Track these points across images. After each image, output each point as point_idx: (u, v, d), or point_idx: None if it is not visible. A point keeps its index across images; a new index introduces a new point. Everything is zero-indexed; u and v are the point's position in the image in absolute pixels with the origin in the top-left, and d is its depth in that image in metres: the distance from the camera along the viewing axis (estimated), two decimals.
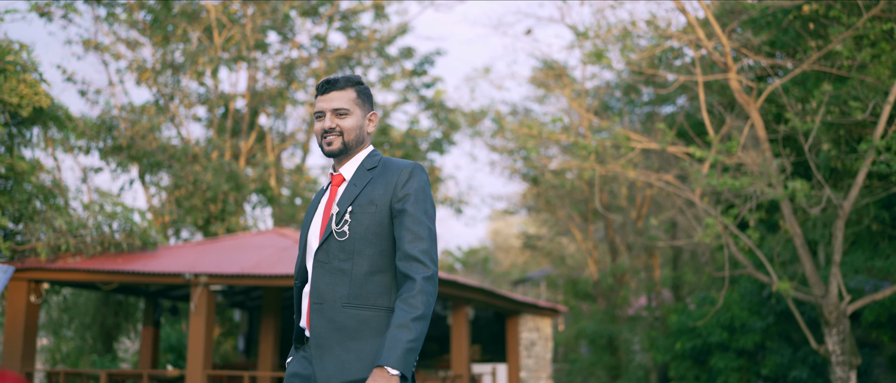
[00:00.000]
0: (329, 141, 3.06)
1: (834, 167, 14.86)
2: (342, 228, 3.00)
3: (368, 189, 3.03)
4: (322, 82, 3.11)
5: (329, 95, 3.08)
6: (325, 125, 3.07)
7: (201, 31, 17.75)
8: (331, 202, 3.12)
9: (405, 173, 3.03)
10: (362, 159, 3.13)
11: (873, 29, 12.47)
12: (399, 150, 18.05)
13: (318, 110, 3.11)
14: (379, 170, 3.10)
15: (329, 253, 3.00)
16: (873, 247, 16.77)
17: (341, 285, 2.96)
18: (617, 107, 22.85)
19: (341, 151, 3.09)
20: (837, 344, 12.58)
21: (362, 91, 3.14)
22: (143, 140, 16.01)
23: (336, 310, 2.95)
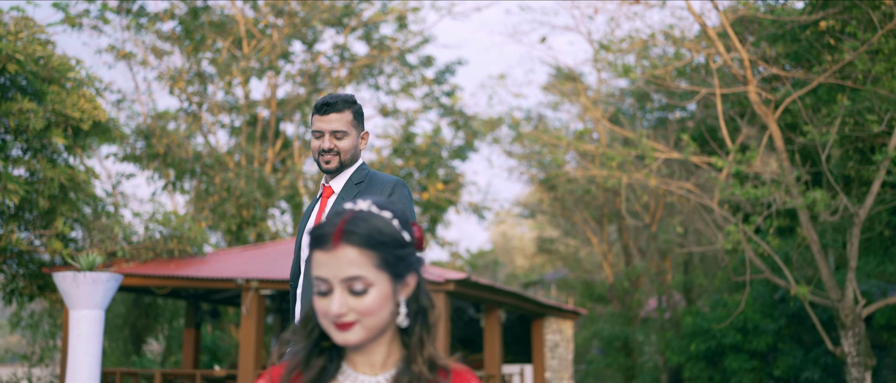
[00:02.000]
0: (327, 160, 3.32)
1: (847, 175, 15.39)
2: None
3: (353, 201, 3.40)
4: (321, 104, 3.31)
5: (328, 117, 3.31)
6: (325, 146, 3.32)
7: (231, 42, 18.27)
8: (321, 213, 3.40)
9: (389, 188, 3.29)
10: (351, 174, 3.39)
11: (887, 43, 13.01)
12: (424, 158, 18.58)
13: (317, 130, 3.34)
14: (365, 184, 3.36)
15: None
16: (884, 253, 17.31)
17: None
18: (628, 113, 23.37)
19: (338, 170, 3.36)
20: (853, 345, 13.12)
21: (357, 112, 3.38)
22: (178, 148, 16.55)
23: None
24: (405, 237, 1.58)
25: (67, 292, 6.03)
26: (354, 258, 1.53)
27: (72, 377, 6.01)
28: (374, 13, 19.82)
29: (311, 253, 1.58)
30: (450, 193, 18.98)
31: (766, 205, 13.77)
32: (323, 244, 1.54)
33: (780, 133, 13.76)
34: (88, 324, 6.05)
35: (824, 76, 13.40)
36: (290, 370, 1.60)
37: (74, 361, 6.03)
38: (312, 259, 1.57)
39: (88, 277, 5.98)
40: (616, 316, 22.21)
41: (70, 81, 10.98)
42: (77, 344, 6.04)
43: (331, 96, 3.35)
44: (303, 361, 1.61)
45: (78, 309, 6.05)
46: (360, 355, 1.62)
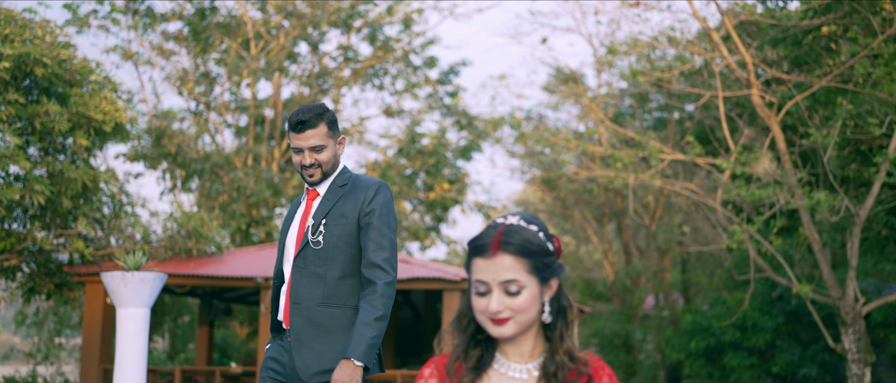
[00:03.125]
0: (311, 173, 3.46)
1: (845, 176, 15.73)
2: (317, 238, 3.40)
3: (340, 204, 3.44)
4: (295, 122, 3.41)
5: (304, 135, 3.41)
6: (306, 161, 3.46)
7: (238, 43, 18.50)
8: (306, 214, 3.50)
9: (372, 191, 3.43)
10: (334, 177, 3.52)
11: (887, 48, 13.34)
12: (431, 158, 18.86)
13: (296, 146, 3.45)
14: (349, 187, 3.49)
15: (306, 259, 3.40)
16: (880, 251, 17.67)
17: (317, 287, 3.37)
18: (627, 114, 23.69)
19: (321, 180, 3.50)
20: (853, 342, 13.46)
21: (331, 121, 3.48)
22: (189, 148, 16.79)
23: (312, 309, 3.36)
24: (549, 247, 1.86)
25: (116, 291, 6.28)
26: (510, 264, 1.81)
27: (120, 373, 6.26)
28: (379, 14, 20.08)
29: (472, 260, 1.86)
30: (455, 193, 19.26)
31: (769, 206, 14.09)
32: (483, 252, 1.83)
33: (782, 135, 14.09)
34: (136, 322, 6.30)
35: (826, 80, 13.72)
36: (454, 359, 1.89)
37: (122, 357, 6.28)
38: (472, 265, 1.85)
39: (136, 277, 6.24)
40: (617, 315, 22.54)
41: (91, 84, 11.20)
42: (125, 342, 6.29)
43: (302, 112, 3.43)
44: (463, 352, 1.89)
45: (126, 307, 6.30)
46: (511, 346, 1.91)
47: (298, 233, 3.48)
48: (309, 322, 3.35)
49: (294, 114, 3.43)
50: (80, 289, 12.42)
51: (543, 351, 1.90)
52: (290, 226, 3.56)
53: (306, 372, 3.32)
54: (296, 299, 3.38)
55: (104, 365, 11.72)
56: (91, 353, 11.65)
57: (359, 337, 3.24)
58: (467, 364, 1.87)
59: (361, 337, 3.23)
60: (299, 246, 3.43)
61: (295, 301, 3.38)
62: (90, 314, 11.72)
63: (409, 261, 12.63)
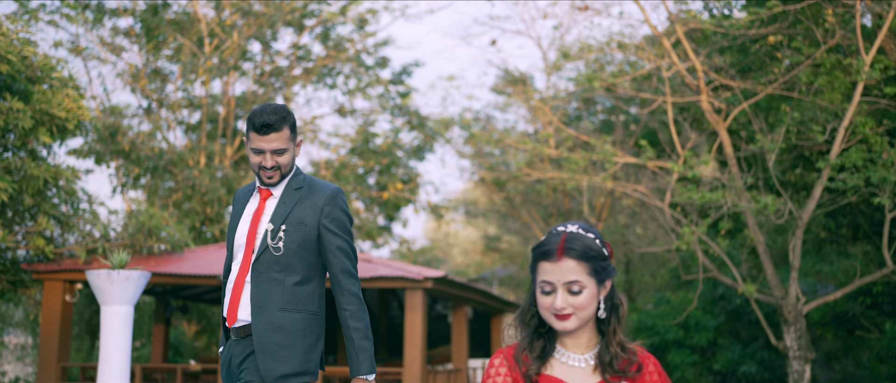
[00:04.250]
0: (270, 176, 3.43)
1: (787, 181, 16.35)
2: (277, 244, 3.40)
3: (298, 210, 3.44)
4: (260, 125, 3.36)
5: (268, 137, 3.38)
6: (267, 164, 3.42)
7: (192, 41, 18.44)
8: (259, 215, 3.49)
9: (330, 198, 3.45)
10: (289, 179, 3.51)
11: (829, 58, 13.95)
12: (384, 158, 19.04)
13: (257, 148, 3.41)
14: (305, 190, 3.48)
15: (266, 265, 3.40)
16: (817, 253, 18.39)
17: (276, 292, 3.38)
18: (574, 116, 24.18)
19: (279, 182, 3.49)
20: (795, 340, 14.04)
21: (292, 124, 3.46)
22: (143, 145, 16.70)
23: (274, 314, 3.37)
24: (605, 252, 2.12)
25: (101, 289, 6.37)
26: (573, 267, 2.07)
27: (104, 369, 6.36)
28: (331, 13, 20.17)
29: (537, 263, 2.11)
30: (408, 192, 19.47)
31: (717, 208, 14.61)
32: (549, 257, 2.08)
33: (729, 140, 14.61)
34: (120, 319, 6.40)
35: (771, 87, 14.27)
36: (520, 349, 2.13)
37: (107, 354, 6.37)
38: (538, 267, 2.10)
39: (122, 275, 6.33)
40: None
41: (53, 81, 11.16)
42: (110, 339, 6.38)
43: (267, 114, 3.39)
44: (528, 344, 2.14)
45: (110, 305, 6.39)
46: (570, 338, 2.17)
47: (251, 233, 3.46)
48: (270, 326, 3.37)
49: (258, 116, 3.39)
50: (36, 287, 12.34)
51: (597, 342, 2.17)
52: (239, 223, 3.54)
53: (270, 375, 3.34)
54: (258, 304, 3.39)
55: (62, 363, 11.67)
56: (49, 351, 11.59)
57: (363, 353, 3.38)
58: (532, 354, 2.13)
59: (364, 351, 3.38)
60: (257, 250, 3.42)
61: (257, 305, 3.39)
62: (49, 312, 11.66)
63: (372, 260, 12.82)
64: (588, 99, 22.63)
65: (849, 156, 13.24)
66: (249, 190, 3.63)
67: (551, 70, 22.80)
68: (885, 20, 13.24)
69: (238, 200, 3.64)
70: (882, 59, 13.63)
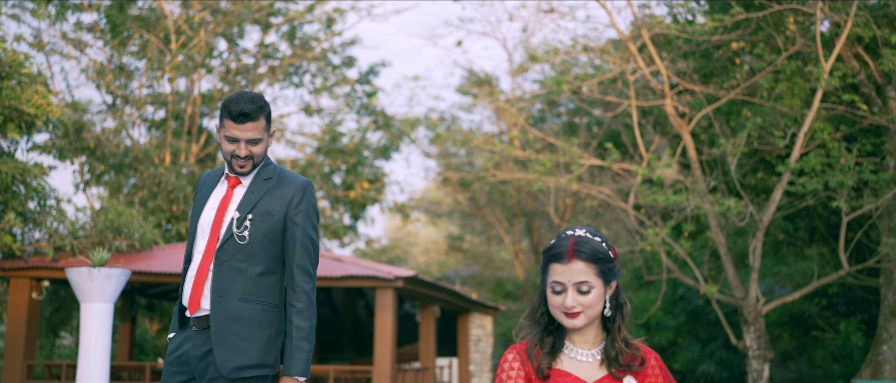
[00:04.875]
0: (242, 165, 3.37)
1: (747, 184, 16.71)
2: (242, 233, 3.34)
3: (266, 199, 3.38)
4: (238, 113, 3.29)
5: (244, 126, 3.31)
6: (241, 153, 3.35)
7: (159, 38, 18.33)
8: (226, 202, 3.42)
9: (299, 191, 3.39)
10: (259, 169, 3.45)
11: (789, 65, 14.31)
12: (352, 158, 19.09)
13: (232, 136, 3.34)
14: (274, 181, 3.43)
15: (229, 253, 3.34)
16: (775, 254, 18.81)
17: (238, 282, 3.32)
18: (538, 117, 24.42)
19: (250, 172, 3.43)
20: (754, 340, 14.37)
21: (268, 115, 3.39)
22: (109, 142, 16.58)
23: (233, 303, 3.30)
24: (611, 255, 2.26)
25: (81, 286, 6.39)
26: (582, 269, 2.21)
27: (84, 366, 6.38)
28: (297, 11, 20.16)
29: (549, 265, 2.25)
30: (374, 192, 19.55)
31: (680, 210, 14.90)
32: (560, 259, 2.23)
33: (693, 143, 14.91)
34: (100, 317, 6.43)
35: (733, 92, 14.59)
36: (532, 345, 2.27)
37: (86, 351, 6.40)
38: (549, 269, 2.25)
39: (102, 273, 6.36)
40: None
41: (22, 77, 11.08)
42: (89, 336, 6.41)
43: (244, 102, 3.33)
44: (539, 340, 2.28)
45: (90, 302, 6.42)
46: (578, 335, 2.31)
47: (216, 220, 3.40)
48: (229, 316, 3.31)
49: (235, 104, 3.32)
50: (2, 284, 12.25)
51: (603, 339, 2.33)
52: (204, 209, 3.47)
53: (226, 366, 3.28)
54: (218, 292, 3.32)
55: (28, 361, 11.59)
56: (15, 349, 11.50)
57: (298, 354, 3.28)
58: (543, 349, 2.27)
59: (300, 352, 3.28)
60: (222, 238, 3.36)
61: (217, 294, 3.32)
62: (14, 309, 11.58)
63: (342, 259, 12.88)
64: (552, 101, 22.88)
65: (808, 160, 13.60)
66: (215, 175, 3.57)
67: (517, 72, 23.02)
68: (842, 29, 13.61)
69: (203, 185, 3.57)
70: (840, 66, 14.01)
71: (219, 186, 3.49)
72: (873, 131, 15.08)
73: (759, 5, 14.08)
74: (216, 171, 3.58)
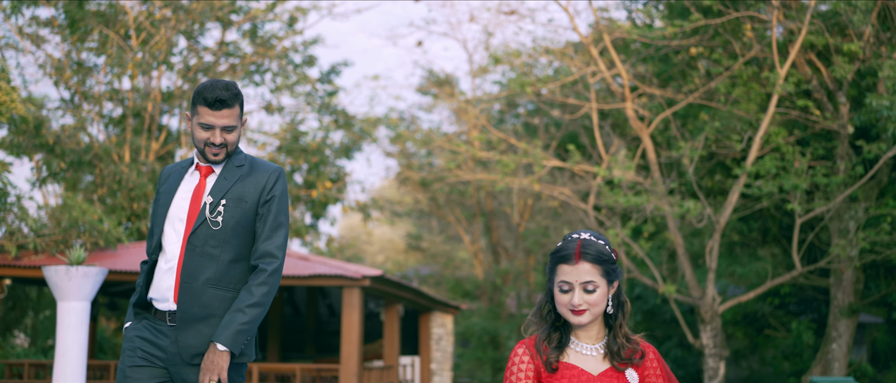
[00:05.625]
0: (216, 153, 3.33)
1: (703, 186, 17.10)
2: (216, 218, 3.30)
3: (239, 185, 3.35)
4: (214, 99, 3.26)
5: (220, 113, 3.28)
6: (216, 140, 3.31)
7: (119, 34, 18.19)
8: (201, 191, 3.37)
9: (273, 177, 3.38)
10: (231, 157, 3.42)
11: (746, 71, 14.70)
12: (314, 157, 19.12)
13: (207, 123, 3.29)
14: (247, 168, 3.40)
15: (202, 239, 3.29)
16: (729, 255, 19.27)
17: (209, 268, 3.27)
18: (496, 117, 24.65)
19: (224, 160, 3.40)
20: (711, 338, 14.73)
21: (241, 102, 3.38)
22: (68, 139, 16.42)
23: (201, 290, 3.26)
24: (613, 257, 2.43)
25: (58, 285, 6.41)
26: (589, 269, 2.38)
27: (61, 364, 6.41)
28: (260, 9, 20.13)
29: (556, 266, 2.41)
30: (336, 191, 19.61)
31: (638, 211, 15.21)
32: (568, 260, 2.40)
33: (652, 146, 15.23)
34: (77, 315, 6.45)
35: (692, 97, 14.95)
36: (540, 341, 2.44)
37: (64, 350, 6.42)
38: (557, 269, 2.41)
39: (80, 271, 6.39)
40: (485, 313, 23.46)
41: None
42: (66, 335, 6.44)
43: (219, 89, 3.30)
44: (546, 335, 2.44)
45: (67, 301, 6.44)
46: (583, 331, 2.48)
47: (192, 209, 3.35)
48: (197, 302, 3.26)
49: (210, 91, 3.29)
50: None
51: (605, 334, 2.50)
52: (174, 200, 3.40)
53: (188, 353, 3.24)
54: (187, 279, 3.27)
55: None
56: None
57: (228, 323, 3.20)
58: (550, 344, 2.44)
59: (231, 322, 3.19)
60: (195, 223, 3.31)
61: (186, 280, 3.27)
62: None
63: (309, 258, 12.95)
64: (511, 102, 23.12)
65: (763, 164, 13.98)
66: (181, 168, 3.50)
67: (477, 73, 23.22)
68: (797, 36, 14.02)
69: (168, 177, 3.49)
70: (794, 73, 14.43)
71: (188, 177, 3.44)
72: (825, 136, 15.55)
73: (718, 12, 14.44)
74: (181, 164, 3.53)
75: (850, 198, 14.54)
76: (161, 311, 3.32)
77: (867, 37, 14.13)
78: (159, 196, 3.45)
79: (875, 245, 14.13)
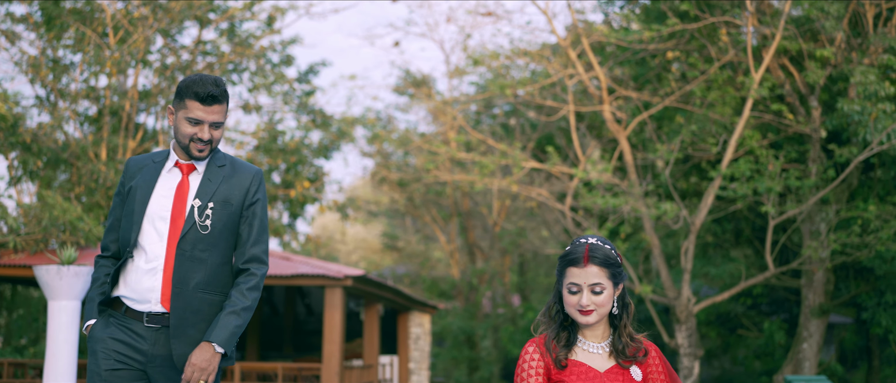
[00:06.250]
0: (201, 149, 3.26)
1: (679, 188, 17.36)
2: (205, 222, 3.25)
3: (224, 187, 3.32)
4: (206, 95, 3.21)
5: (212, 108, 3.23)
6: (205, 136, 3.25)
7: (97, 32, 18.12)
8: (184, 190, 3.31)
9: (256, 180, 3.36)
10: (212, 156, 3.37)
11: (721, 75, 14.95)
12: (293, 156, 19.16)
13: (196, 118, 3.23)
14: (229, 169, 3.36)
15: (191, 243, 3.25)
16: (703, 256, 19.56)
17: (198, 272, 3.24)
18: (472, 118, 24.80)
19: (207, 157, 3.34)
20: (686, 338, 14.98)
21: (228, 100, 3.34)
22: (46, 137, 16.33)
23: (193, 295, 3.23)
24: (619, 260, 2.58)
25: (50, 284, 6.45)
26: (597, 272, 2.52)
27: (52, 363, 6.45)
28: (238, 7, 20.12)
29: (566, 268, 2.55)
30: (314, 191, 19.65)
31: (614, 212, 15.42)
32: (577, 263, 2.54)
33: (629, 148, 15.45)
34: (68, 314, 6.50)
35: (668, 100, 15.17)
36: (549, 340, 2.57)
37: (54, 349, 6.46)
38: (566, 272, 2.55)
39: (71, 271, 6.44)
40: (461, 312, 23.61)
41: None
42: (57, 334, 6.48)
43: (211, 84, 3.26)
44: (555, 335, 2.58)
45: (58, 300, 6.48)
46: (589, 330, 2.63)
47: (177, 208, 3.29)
48: (189, 308, 3.24)
49: (201, 86, 3.24)
50: None
51: (610, 334, 2.65)
52: (152, 195, 3.31)
53: (183, 360, 3.20)
54: (179, 284, 3.23)
55: None
56: None
57: (225, 324, 3.20)
58: (559, 343, 2.58)
59: (227, 324, 3.20)
60: (184, 227, 3.26)
61: (178, 285, 3.23)
62: None
63: (291, 258, 13.01)
64: (487, 103, 23.28)
65: (738, 166, 14.24)
66: (151, 161, 3.41)
67: (454, 74, 23.36)
68: (771, 42, 14.29)
69: (140, 170, 3.39)
70: (769, 77, 14.70)
71: (167, 173, 3.35)
72: (797, 139, 15.85)
73: (694, 17, 14.68)
74: (151, 157, 3.44)
75: (821, 200, 14.84)
76: (136, 311, 3.24)
77: (839, 43, 14.44)
78: (132, 190, 3.33)
79: (845, 246, 14.43)
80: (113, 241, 3.36)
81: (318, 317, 18.59)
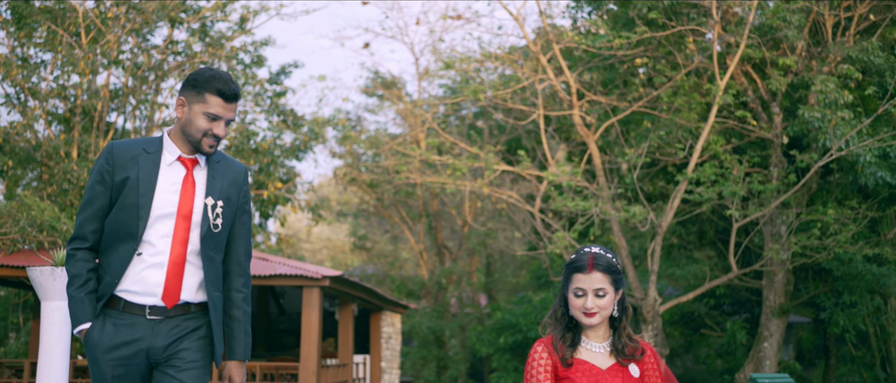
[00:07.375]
0: (212, 144, 3.23)
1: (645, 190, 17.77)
2: (216, 221, 3.26)
3: (225, 184, 3.32)
4: (231, 92, 3.20)
5: (232, 105, 3.22)
6: (221, 133, 3.22)
7: (69, 32, 18.10)
8: (192, 186, 3.25)
9: (245, 177, 3.38)
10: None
11: (688, 81, 15.37)
12: (266, 157, 19.27)
13: (215, 114, 3.20)
14: (223, 164, 3.34)
15: (204, 241, 3.25)
16: (668, 257, 20.00)
17: (211, 271, 3.28)
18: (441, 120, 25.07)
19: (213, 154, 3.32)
20: (652, 338, 15.36)
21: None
22: (18, 136, 16.32)
23: (211, 294, 3.27)
24: (620, 267, 2.86)
25: (43, 285, 6.59)
26: (600, 278, 2.80)
27: (44, 363, 6.60)
28: (209, 7, 20.18)
29: (572, 274, 2.82)
30: (286, 192, 19.79)
31: (582, 214, 15.77)
32: (582, 270, 2.81)
33: (598, 152, 15.82)
34: (61, 314, 6.64)
35: (636, 105, 15.56)
36: (556, 340, 2.85)
37: (47, 348, 6.61)
38: (572, 277, 2.82)
39: (65, 271, 6.59)
40: (430, 312, 23.87)
41: None
42: (50, 333, 6.62)
43: (233, 82, 3.24)
44: (561, 336, 2.85)
45: (51, 300, 6.63)
46: (592, 332, 2.91)
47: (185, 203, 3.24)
48: (215, 308, 3.28)
49: (225, 83, 3.21)
50: None
51: (610, 335, 2.93)
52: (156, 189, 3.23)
53: (220, 360, 3.28)
54: (212, 284, 3.27)
55: None
56: None
57: (247, 337, 3.34)
58: (565, 343, 2.86)
59: (248, 336, 3.35)
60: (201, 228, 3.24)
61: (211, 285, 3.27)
62: None
63: (269, 258, 13.17)
64: (456, 105, 23.56)
65: (703, 171, 14.66)
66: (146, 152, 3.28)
67: (424, 76, 23.62)
68: (735, 50, 14.74)
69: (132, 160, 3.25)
70: (733, 84, 15.15)
71: (168, 168, 3.27)
72: (760, 144, 16.33)
73: (662, 25, 15.07)
74: (141, 145, 3.29)
75: (782, 204, 15.31)
76: (136, 305, 3.19)
77: (800, 51, 14.93)
78: (128, 181, 3.20)
79: (805, 249, 14.91)
80: (93, 232, 3.22)
81: (290, 317, 18.73)
